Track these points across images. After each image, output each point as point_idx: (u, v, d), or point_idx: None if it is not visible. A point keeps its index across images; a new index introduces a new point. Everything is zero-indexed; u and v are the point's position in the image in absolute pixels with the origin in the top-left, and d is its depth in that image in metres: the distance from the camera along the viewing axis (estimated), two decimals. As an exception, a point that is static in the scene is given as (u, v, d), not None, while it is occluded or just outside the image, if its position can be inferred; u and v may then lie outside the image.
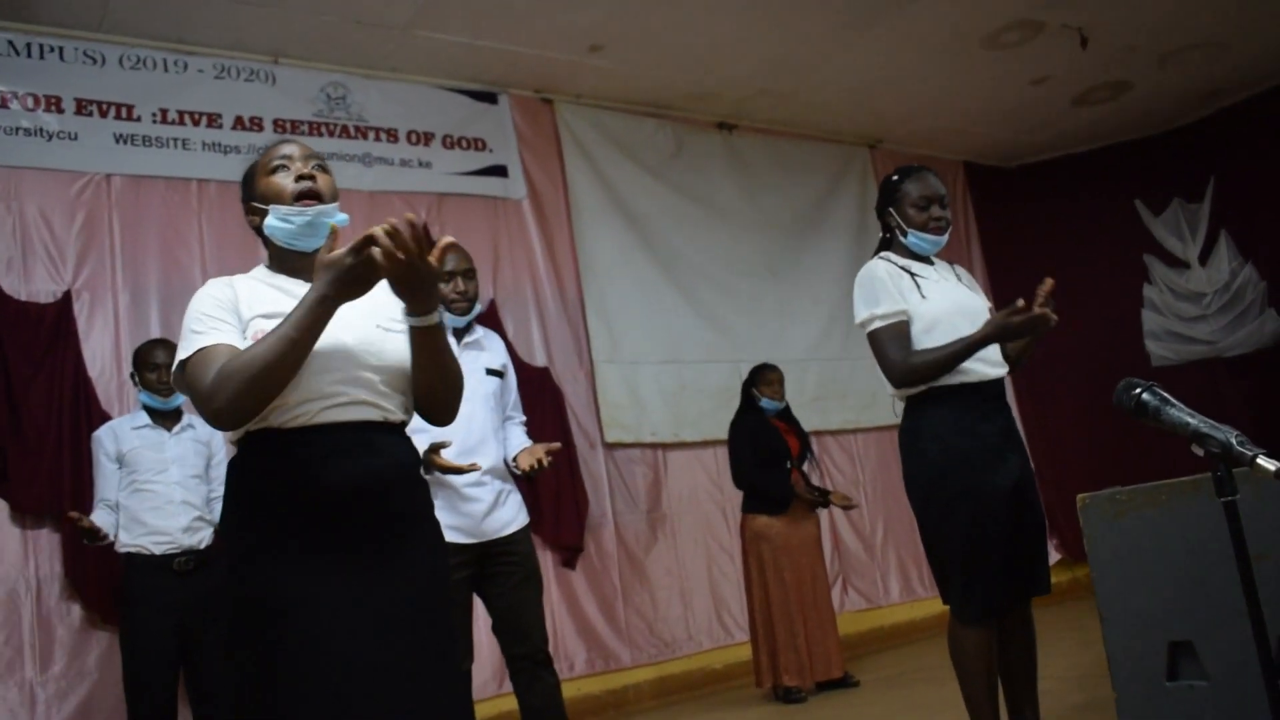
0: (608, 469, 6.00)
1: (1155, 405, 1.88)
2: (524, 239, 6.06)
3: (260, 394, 1.93)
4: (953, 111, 7.46)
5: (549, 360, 5.94)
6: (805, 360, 6.88)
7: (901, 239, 3.20)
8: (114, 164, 4.94)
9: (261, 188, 2.18)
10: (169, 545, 3.98)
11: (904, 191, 3.18)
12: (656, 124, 6.76)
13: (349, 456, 2.00)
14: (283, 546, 1.96)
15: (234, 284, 2.15)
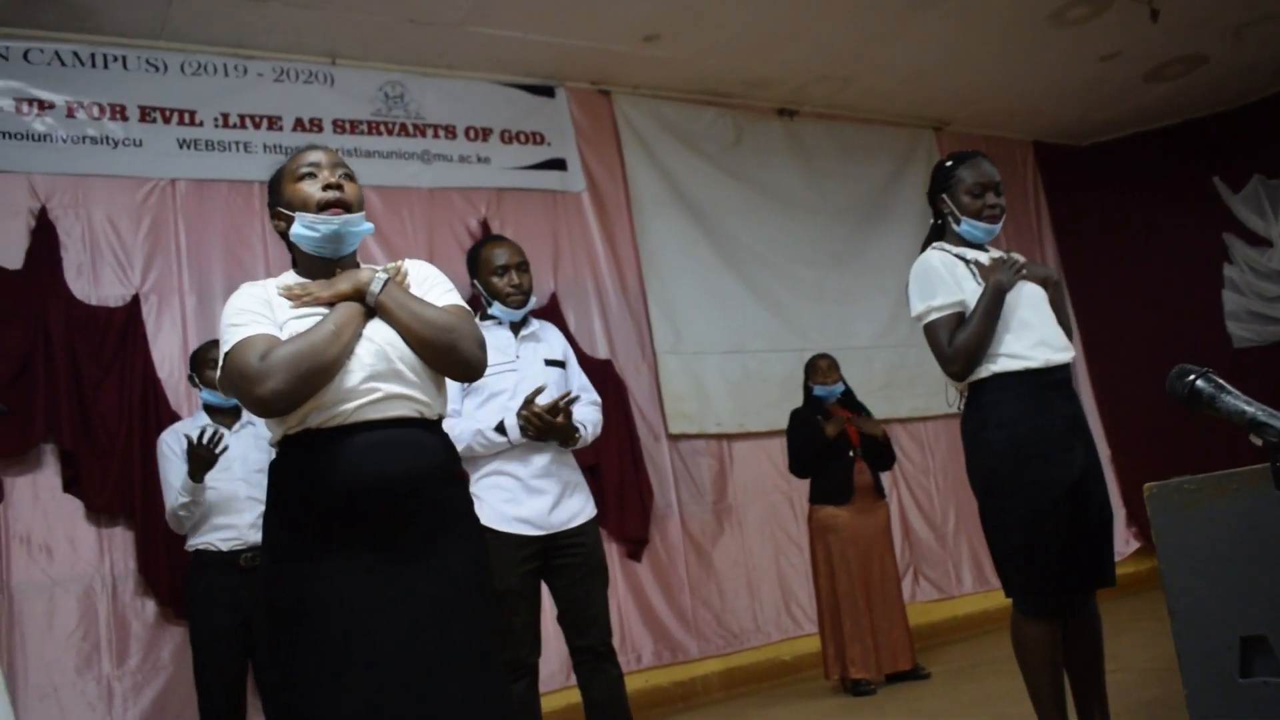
0: (672, 460, 5.98)
1: (1210, 393, 1.80)
2: (584, 232, 6.05)
3: (310, 376, 1.97)
4: (1020, 90, 7.29)
5: (611, 352, 5.93)
6: (871, 348, 6.80)
7: (955, 227, 3.15)
8: (178, 169, 5.00)
9: (288, 194, 2.20)
10: (235, 541, 4.00)
11: (958, 178, 3.13)
12: (715, 113, 6.71)
13: (386, 454, 2.01)
14: (316, 547, 1.97)
15: (266, 285, 2.18)
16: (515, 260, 3.49)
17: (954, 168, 3.15)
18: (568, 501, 3.36)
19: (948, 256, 3.08)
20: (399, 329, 2.10)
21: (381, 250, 5.35)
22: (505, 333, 3.50)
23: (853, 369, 6.38)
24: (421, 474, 2.04)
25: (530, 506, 3.28)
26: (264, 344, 2.00)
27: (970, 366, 2.96)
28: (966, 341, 2.94)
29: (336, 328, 2.02)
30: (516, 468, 3.31)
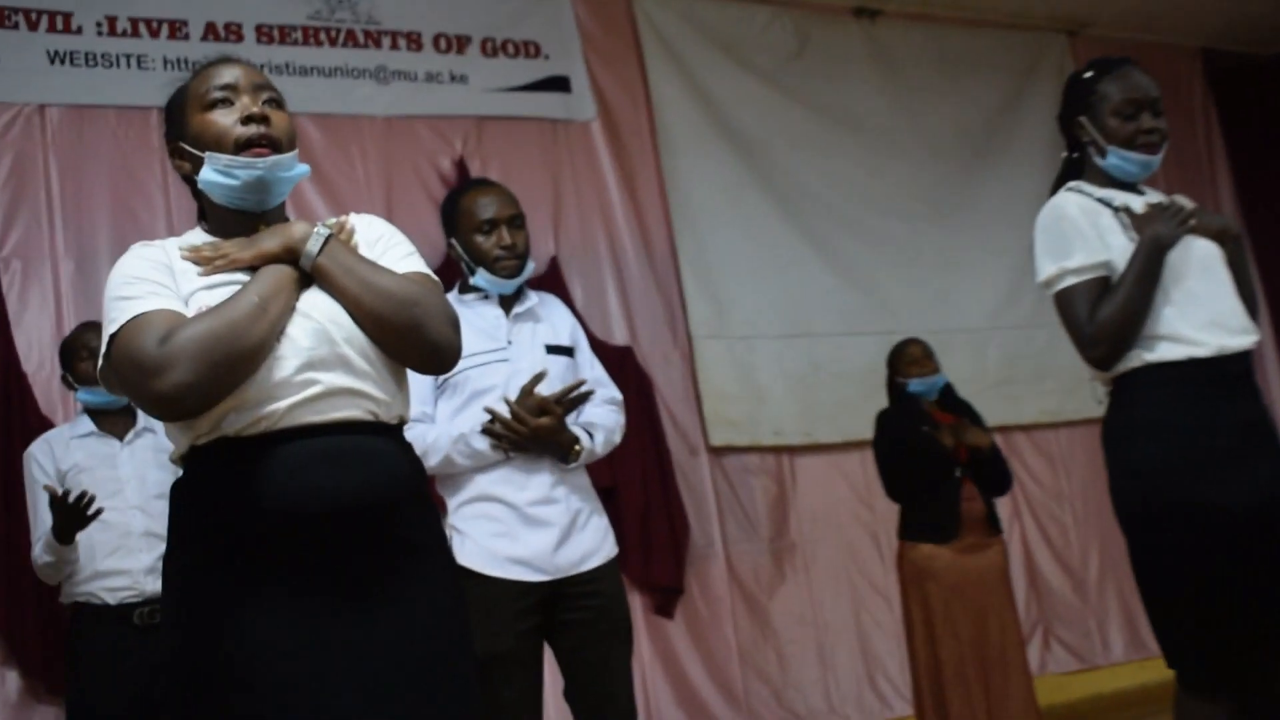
0: (714, 482, 5.98)
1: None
2: (595, 174, 6.07)
3: (228, 365, 1.96)
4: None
5: (631, 337, 5.93)
6: (984, 330, 6.79)
7: (1098, 160, 3.14)
8: (48, 91, 5.00)
9: (194, 126, 2.19)
10: (128, 592, 3.99)
11: (1101, 94, 3.11)
12: (771, 13, 6.70)
13: (328, 469, 2.01)
14: (237, 595, 1.96)
15: (165, 247, 2.18)
16: (507, 213, 3.48)
17: (1095, 80, 3.13)
18: (579, 536, 3.35)
19: (1088, 201, 3.06)
20: (345, 302, 2.09)
21: (322, 201, 5.37)
22: (493, 309, 3.50)
23: (958, 358, 6.32)
24: (376, 495, 2.03)
25: (529, 543, 3.28)
26: (164, 323, 1.99)
27: (1118, 350, 2.95)
28: (1113, 316, 2.92)
29: (261, 299, 2.01)
30: (510, 491, 3.31)
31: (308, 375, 2.02)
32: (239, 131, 2.13)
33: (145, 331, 1.98)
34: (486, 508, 3.31)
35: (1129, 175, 3.11)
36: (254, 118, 2.14)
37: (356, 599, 1.98)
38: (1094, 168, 3.15)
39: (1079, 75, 3.20)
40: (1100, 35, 7.67)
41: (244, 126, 2.14)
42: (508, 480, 3.32)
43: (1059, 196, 3.11)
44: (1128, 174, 3.11)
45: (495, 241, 3.44)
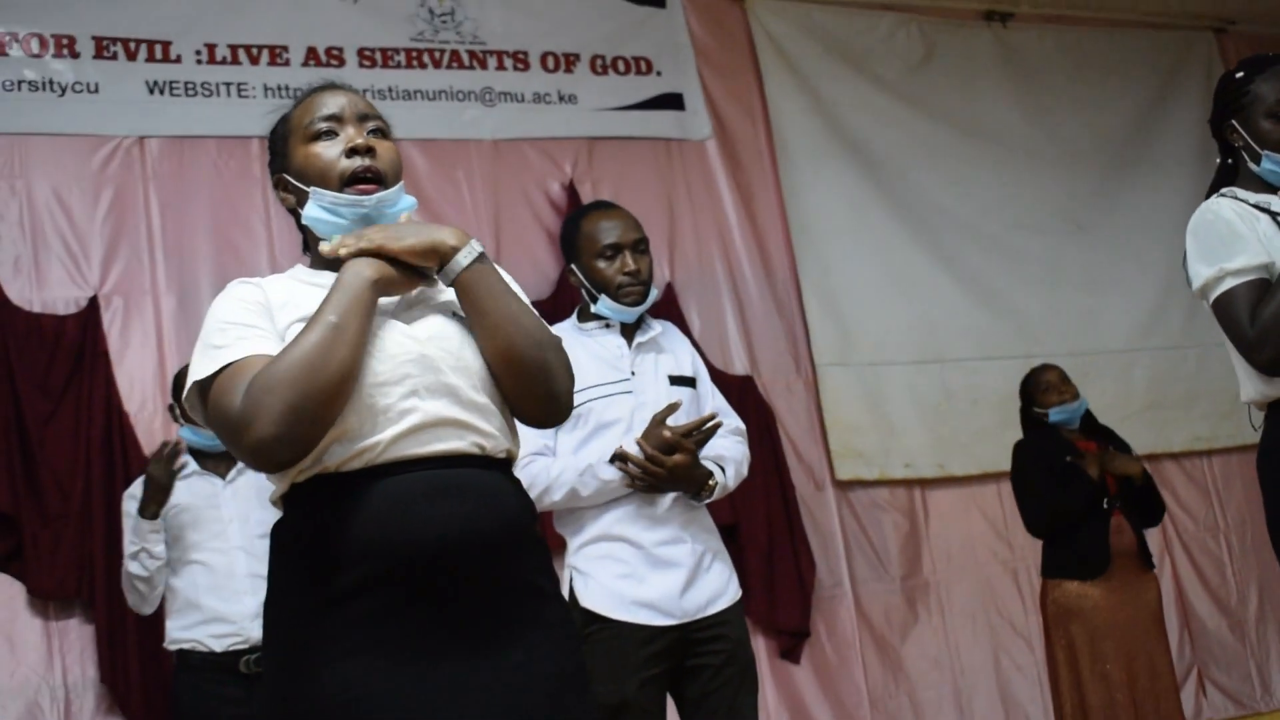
0: (841, 518, 5.92)
1: None
2: (711, 195, 6.06)
3: (313, 407, 1.93)
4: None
5: (751, 366, 5.90)
6: (1130, 352, 6.66)
7: (1252, 166, 3.06)
8: (147, 123, 5.07)
9: (298, 159, 2.19)
10: (234, 639, 4.02)
11: (1254, 95, 3.05)
12: (895, 19, 6.68)
13: (438, 506, 1.98)
14: (340, 642, 1.94)
15: (264, 286, 2.17)
16: (631, 237, 3.45)
17: (1247, 80, 3.06)
18: (706, 578, 3.33)
19: (1243, 207, 2.98)
20: (483, 325, 2.08)
21: (428, 228, 5.37)
22: (615, 339, 3.47)
23: (1102, 382, 6.24)
24: (484, 532, 1.99)
25: (657, 585, 3.26)
26: (247, 371, 1.97)
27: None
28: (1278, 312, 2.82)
29: (339, 319, 1.97)
30: (637, 530, 3.29)
31: (410, 403, 2.00)
32: (344, 165, 2.13)
33: (231, 385, 1.97)
34: (611, 548, 3.29)
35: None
36: (359, 150, 2.14)
37: (465, 643, 1.95)
38: (1248, 173, 3.08)
39: (1230, 76, 3.13)
40: (1250, 31, 7.54)
41: (349, 160, 2.14)
42: (633, 519, 3.30)
43: (1211, 201, 3.04)
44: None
45: (619, 267, 3.40)
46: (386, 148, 2.18)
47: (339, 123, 2.17)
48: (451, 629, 1.95)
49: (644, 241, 3.47)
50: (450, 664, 1.93)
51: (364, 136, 2.15)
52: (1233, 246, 2.90)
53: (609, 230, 3.43)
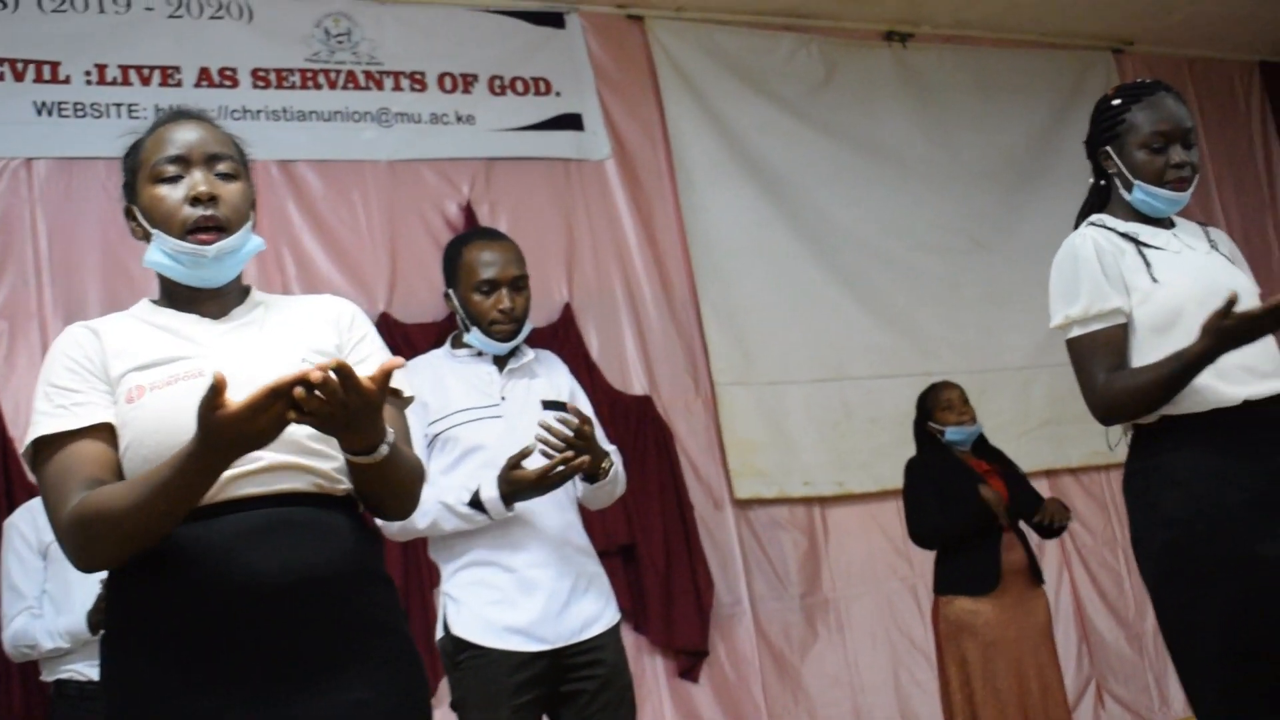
0: (741, 537, 5.94)
1: None
2: (610, 215, 6.07)
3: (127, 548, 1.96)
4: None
5: (650, 385, 5.92)
6: (1029, 369, 6.73)
7: (1124, 193, 3.15)
8: (35, 144, 5.04)
9: (145, 199, 2.18)
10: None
11: (1129, 124, 3.12)
12: (795, 40, 6.70)
13: (271, 542, 1.99)
14: (179, 678, 1.94)
15: (100, 331, 2.16)
16: (509, 274, 3.50)
17: (1123, 109, 3.14)
18: (581, 601, 3.38)
19: (1109, 238, 3.06)
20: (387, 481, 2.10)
21: (323, 251, 5.41)
22: (486, 366, 3.54)
23: (1002, 399, 6.36)
24: (324, 569, 2.02)
25: (528, 610, 3.29)
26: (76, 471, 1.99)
27: (1125, 419, 2.97)
28: (1132, 396, 2.92)
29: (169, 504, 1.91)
30: (509, 555, 3.33)
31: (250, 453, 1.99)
32: (185, 214, 2.13)
33: (60, 484, 2.00)
34: (483, 574, 3.33)
35: (1156, 212, 3.12)
36: (200, 199, 2.13)
37: (297, 681, 1.97)
38: (1120, 199, 3.16)
39: (1107, 101, 3.21)
40: (1149, 52, 7.67)
41: (191, 208, 2.13)
42: (505, 544, 3.33)
43: (1077, 234, 3.13)
44: (1155, 210, 3.11)
45: (494, 303, 3.46)
46: (232, 191, 2.17)
47: (185, 165, 2.15)
48: (284, 666, 1.95)
49: (523, 279, 3.51)
50: (282, 702, 1.94)
51: (208, 183, 2.14)
52: (1080, 288, 2.99)
53: (488, 265, 3.47)
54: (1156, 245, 3.05)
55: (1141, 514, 2.99)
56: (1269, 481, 2.87)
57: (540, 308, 5.57)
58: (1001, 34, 7.26)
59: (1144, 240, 3.05)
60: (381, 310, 5.37)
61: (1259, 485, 2.86)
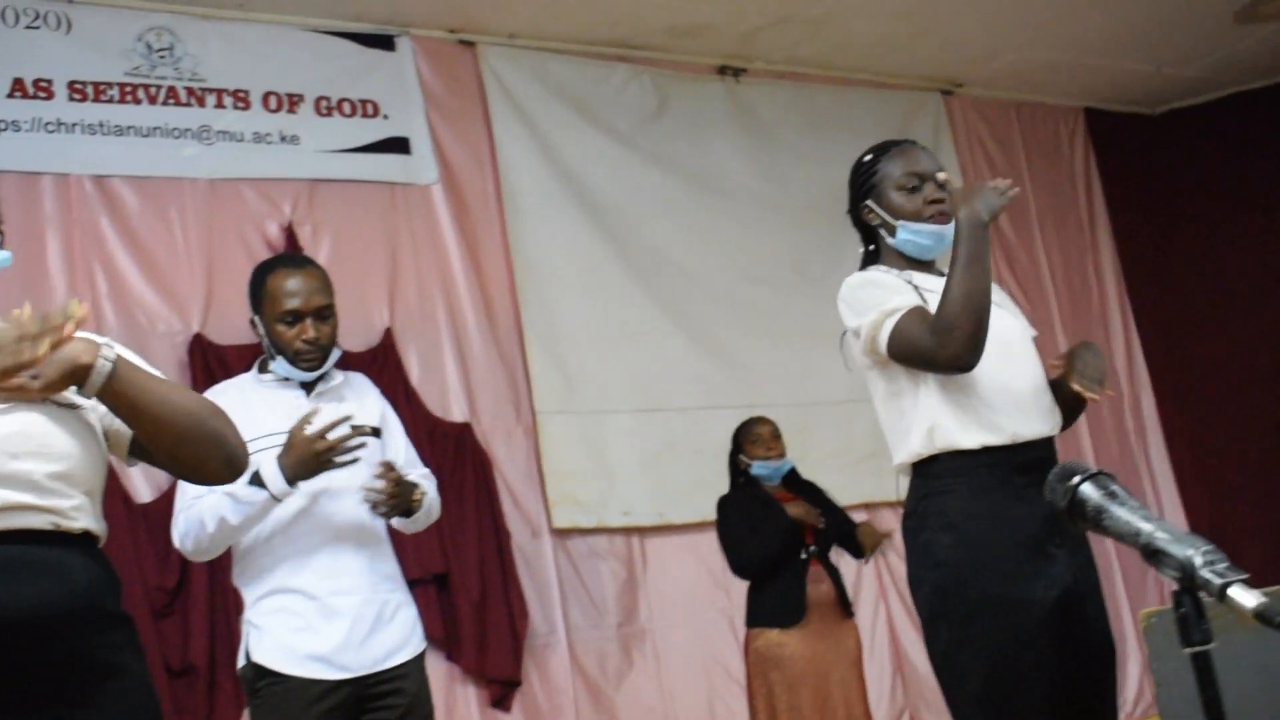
0: (558, 566, 5.97)
1: (1097, 503, 1.92)
2: (435, 240, 6.08)
3: None
4: (1064, 37, 7.40)
5: (471, 412, 5.93)
6: (851, 403, 6.60)
7: (890, 241, 3.20)
8: None
9: None
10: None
11: (883, 173, 3.20)
12: (628, 70, 6.77)
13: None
14: None
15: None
16: (314, 304, 3.48)
17: (875, 162, 3.23)
18: (387, 629, 3.40)
19: (890, 274, 3.13)
20: (143, 426, 2.14)
21: (138, 269, 5.38)
22: (293, 391, 3.54)
23: (824, 432, 6.46)
24: (51, 609, 2.01)
25: (330, 637, 3.30)
26: None
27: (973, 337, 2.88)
28: (953, 300, 2.88)
29: None
30: (312, 581, 3.33)
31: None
32: None
33: None
34: (286, 600, 3.32)
35: (924, 250, 3.16)
36: None
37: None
38: (889, 250, 3.21)
39: (859, 161, 3.29)
40: (977, 95, 7.86)
41: None
42: (309, 569, 3.34)
43: (859, 272, 3.19)
44: (922, 249, 3.16)
45: (298, 333, 3.45)
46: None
47: None
48: (6, 708, 1.93)
49: (328, 308, 3.51)
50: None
51: None
52: (887, 294, 3.02)
53: (292, 295, 3.45)
54: (930, 290, 3.07)
55: (915, 555, 3.04)
56: (1039, 525, 2.92)
57: (360, 332, 5.64)
58: (833, 72, 7.38)
59: (919, 284, 3.08)
60: (196, 331, 5.34)
61: (1029, 528, 2.92)
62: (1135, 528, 1.85)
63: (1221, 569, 1.74)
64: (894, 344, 2.98)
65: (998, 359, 3.01)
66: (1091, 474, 1.97)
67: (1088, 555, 3.06)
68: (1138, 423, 8.04)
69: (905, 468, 3.12)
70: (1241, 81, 8.30)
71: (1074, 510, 1.96)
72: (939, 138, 7.62)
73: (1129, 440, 7.94)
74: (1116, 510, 1.89)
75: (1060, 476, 2.00)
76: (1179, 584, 1.77)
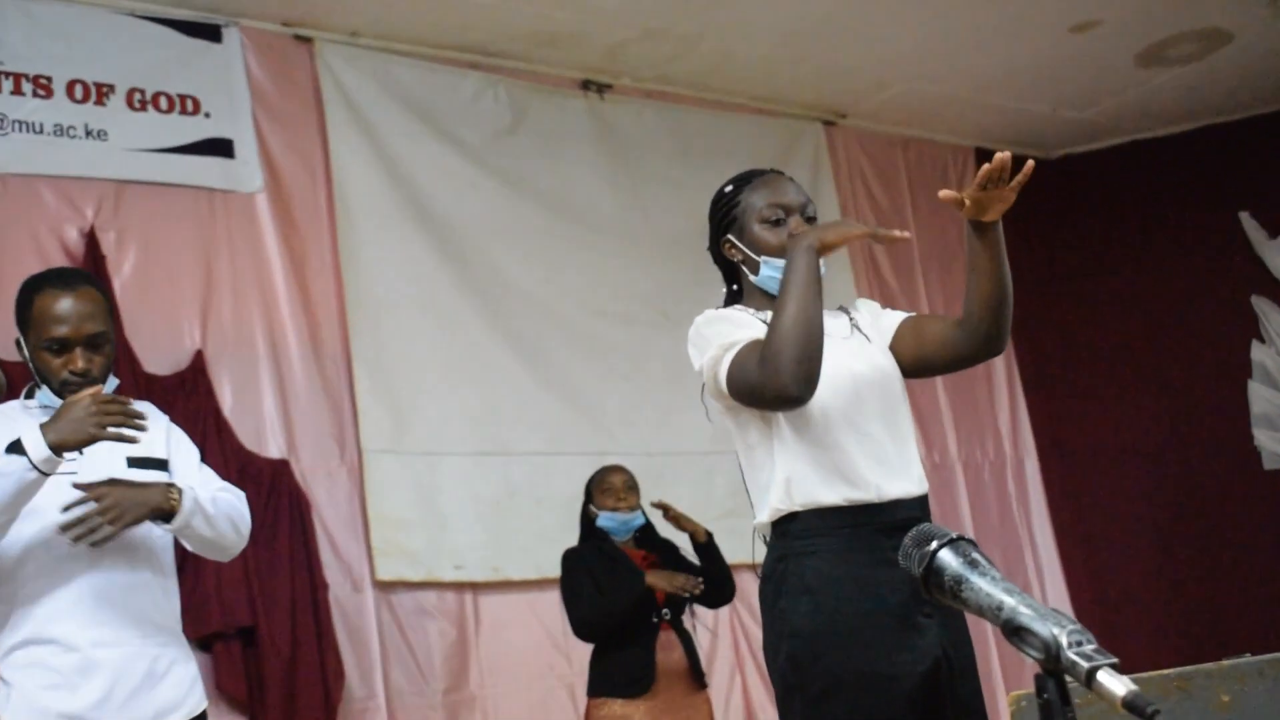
0: (380, 622, 5.89)
1: (956, 572, 1.90)
2: (257, 255, 6.01)
3: None
4: (957, 71, 7.55)
5: (289, 448, 5.86)
6: (711, 454, 6.72)
7: (752, 279, 3.20)
8: None
9: None
10: None
11: (746, 205, 3.21)
12: (482, 80, 6.78)
13: None
14: None
15: None
16: (85, 331, 3.38)
17: (736, 193, 3.23)
18: (157, 687, 3.34)
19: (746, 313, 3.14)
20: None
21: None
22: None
23: (681, 485, 6.40)
24: None
25: (87, 694, 3.22)
26: None
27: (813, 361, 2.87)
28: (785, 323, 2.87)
29: None
30: (73, 629, 3.25)
31: None
32: None
33: None
34: (41, 653, 3.23)
35: None
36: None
37: None
38: (751, 289, 3.21)
39: (719, 192, 3.30)
40: (862, 127, 7.99)
41: None
42: (70, 616, 3.25)
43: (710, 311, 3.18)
44: None
45: (64, 364, 3.37)
46: None
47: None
48: None
49: (101, 335, 3.41)
50: None
51: None
52: (735, 329, 3.01)
53: (60, 321, 3.35)
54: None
55: (771, 622, 3.02)
56: (906, 592, 2.91)
57: (167, 354, 5.57)
58: (707, 94, 7.45)
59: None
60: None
61: (896, 595, 2.91)
62: (996, 601, 1.83)
63: (1089, 651, 1.71)
64: (731, 380, 2.98)
65: (856, 403, 3.04)
66: (950, 539, 1.95)
67: (962, 627, 3.05)
68: (1020, 486, 8.18)
69: (765, 527, 3.10)
70: (1143, 129, 8.55)
71: (930, 579, 1.94)
72: (819, 170, 7.74)
73: (1010, 505, 8.07)
74: (977, 581, 1.87)
75: (916, 541, 1.98)
76: (1042, 666, 1.75)
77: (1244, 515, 7.87)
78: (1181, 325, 8.23)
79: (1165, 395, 8.11)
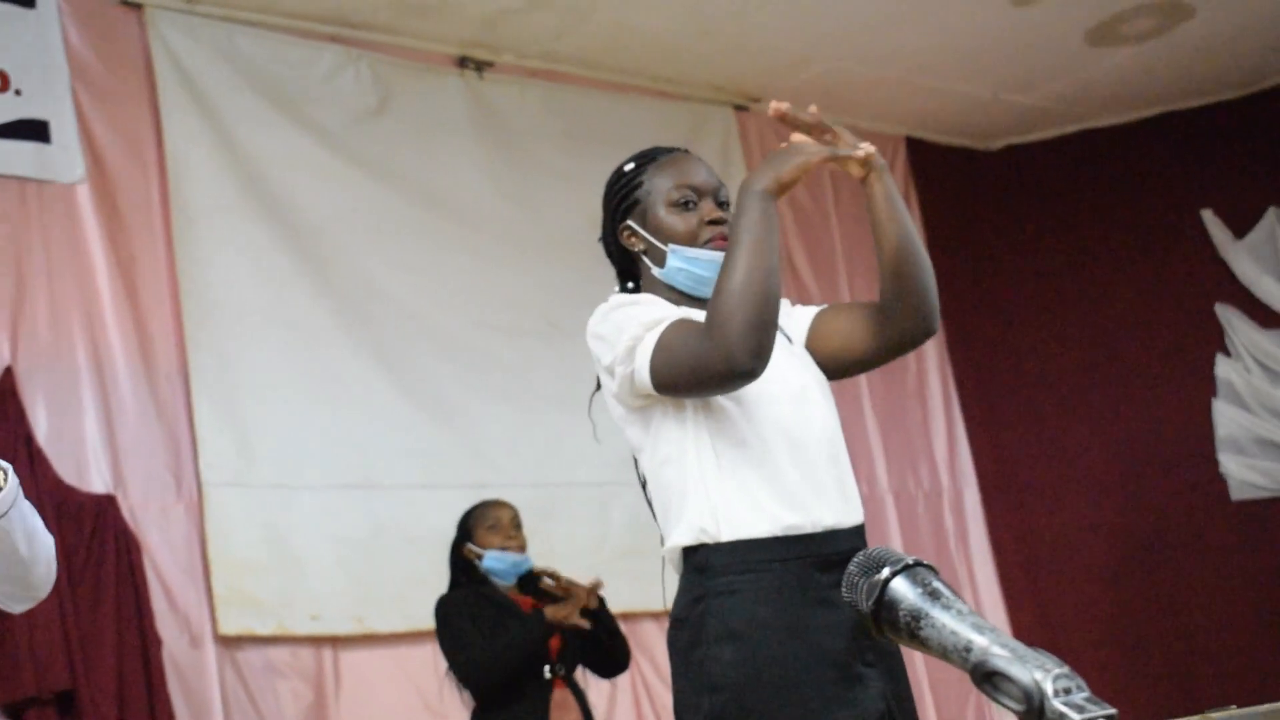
0: (224, 684, 5.81)
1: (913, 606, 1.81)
2: (78, 256, 5.94)
3: None
4: (885, 50, 7.59)
5: (116, 481, 5.77)
6: (608, 485, 6.75)
7: (656, 272, 3.14)
8: None
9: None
10: None
11: (648, 187, 3.15)
12: (341, 55, 6.80)
13: None
14: None
15: None
16: None
17: (638, 172, 3.17)
18: None
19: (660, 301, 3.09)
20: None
21: None
22: None
23: (573, 522, 6.49)
24: None
25: None
26: None
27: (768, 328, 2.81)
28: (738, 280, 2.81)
29: None
30: None
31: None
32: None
33: None
34: None
35: (699, 283, 3.08)
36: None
37: None
38: (654, 283, 3.13)
39: (618, 171, 3.24)
40: (778, 112, 7.95)
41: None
42: None
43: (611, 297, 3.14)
44: (697, 280, 3.08)
45: None
46: None
47: None
48: None
49: None
50: None
51: None
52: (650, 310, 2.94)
53: None
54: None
55: (687, 676, 2.95)
56: (846, 637, 2.90)
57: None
58: (602, 74, 7.49)
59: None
60: None
61: (834, 642, 2.90)
62: (964, 640, 1.74)
63: (1080, 700, 1.65)
64: (658, 362, 2.87)
65: (792, 411, 3.01)
66: (905, 564, 1.87)
67: (903, 675, 3.04)
68: (959, 520, 8.24)
69: (676, 560, 3.03)
70: (1090, 117, 8.64)
71: (882, 615, 1.86)
72: (729, 161, 7.79)
73: (947, 541, 8.13)
74: (939, 616, 1.78)
75: (863, 568, 1.89)
76: (1021, 718, 1.67)
77: (1209, 551, 7.92)
78: (1137, 338, 8.30)
79: (1120, 417, 8.18)
